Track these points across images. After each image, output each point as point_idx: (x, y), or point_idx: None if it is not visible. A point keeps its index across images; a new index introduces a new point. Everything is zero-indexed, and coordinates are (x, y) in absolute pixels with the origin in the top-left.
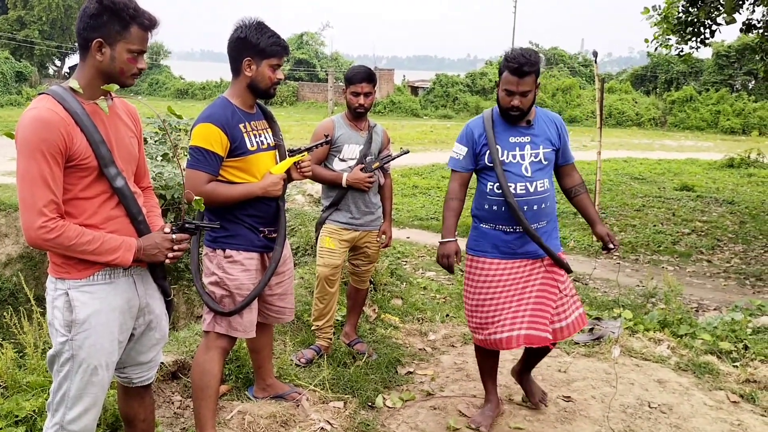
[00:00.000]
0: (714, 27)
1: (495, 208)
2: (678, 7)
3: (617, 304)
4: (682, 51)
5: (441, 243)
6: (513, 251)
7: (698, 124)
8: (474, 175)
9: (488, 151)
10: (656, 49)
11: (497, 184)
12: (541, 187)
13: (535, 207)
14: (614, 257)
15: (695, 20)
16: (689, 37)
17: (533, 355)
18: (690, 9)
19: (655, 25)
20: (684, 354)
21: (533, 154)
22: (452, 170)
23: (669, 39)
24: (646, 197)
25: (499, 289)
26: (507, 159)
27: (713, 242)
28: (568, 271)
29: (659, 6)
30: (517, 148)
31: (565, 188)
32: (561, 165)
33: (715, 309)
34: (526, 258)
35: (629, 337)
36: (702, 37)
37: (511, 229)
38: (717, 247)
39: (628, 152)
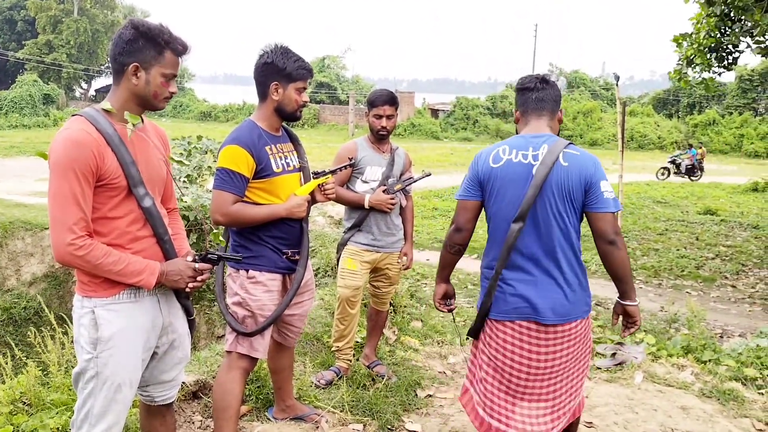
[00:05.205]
0: (737, 54)
1: None
2: (702, 33)
3: (639, 329)
4: (703, 78)
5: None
6: None
7: (722, 148)
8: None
9: None
10: (680, 80)
11: None
12: None
13: None
14: (637, 280)
15: (720, 46)
16: (714, 63)
17: None
18: (718, 33)
19: (679, 51)
20: (708, 380)
21: None
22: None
23: (687, 72)
24: (669, 221)
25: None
26: None
27: (738, 267)
28: None
29: (691, 35)
30: None
31: None
32: None
33: (739, 335)
34: None
35: (652, 363)
36: (726, 62)
37: None
38: (742, 272)
39: (651, 176)
